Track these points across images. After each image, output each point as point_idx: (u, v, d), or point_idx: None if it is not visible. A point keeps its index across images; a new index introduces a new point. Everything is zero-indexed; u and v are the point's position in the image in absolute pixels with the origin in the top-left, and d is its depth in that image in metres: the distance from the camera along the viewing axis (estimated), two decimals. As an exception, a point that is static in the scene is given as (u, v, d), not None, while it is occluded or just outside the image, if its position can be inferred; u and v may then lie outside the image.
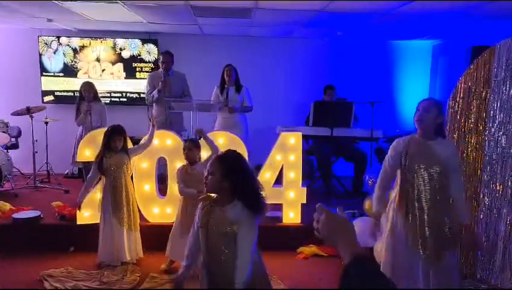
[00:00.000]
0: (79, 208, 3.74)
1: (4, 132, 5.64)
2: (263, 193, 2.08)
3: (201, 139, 3.53)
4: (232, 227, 1.98)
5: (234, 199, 2.01)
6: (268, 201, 4.15)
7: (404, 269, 2.58)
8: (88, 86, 5.12)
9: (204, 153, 3.57)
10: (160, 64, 5.25)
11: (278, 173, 4.22)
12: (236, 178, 1.99)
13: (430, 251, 2.52)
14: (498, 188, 3.31)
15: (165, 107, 5.07)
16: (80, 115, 5.10)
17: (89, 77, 6.55)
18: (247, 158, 4.00)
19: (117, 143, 3.55)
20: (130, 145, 3.82)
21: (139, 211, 3.91)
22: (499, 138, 3.31)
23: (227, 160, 2.06)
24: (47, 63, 6.51)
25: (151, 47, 6.53)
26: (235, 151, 2.15)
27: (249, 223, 2.00)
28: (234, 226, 1.97)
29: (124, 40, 6.54)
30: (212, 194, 2.09)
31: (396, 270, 2.60)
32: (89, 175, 3.69)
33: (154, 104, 5.31)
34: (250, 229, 2.00)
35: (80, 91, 5.18)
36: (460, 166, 2.62)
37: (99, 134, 3.89)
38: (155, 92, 5.08)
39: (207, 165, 2.11)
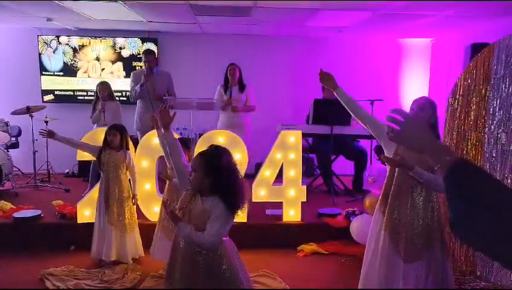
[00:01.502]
0: (49, 134, 3.72)
1: (4, 131, 5.64)
2: (244, 192, 2.10)
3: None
4: (204, 216, 2.01)
5: (214, 194, 2.04)
6: (269, 199, 4.21)
7: (383, 272, 2.54)
8: (103, 85, 5.18)
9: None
10: (143, 63, 5.24)
11: (278, 171, 4.23)
12: (215, 176, 2.02)
13: (407, 249, 2.46)
14: (498, 185, 3.31)
15: (151, 105, 5.05)
16: (95, 113, 5.14)
17: (88, 76, 6.56)
18: (246, 157, 4.02)
19: (112, 138, 3.55)
20: (131, 146, 3.80)
21: (140, 210, 3.92)
22: (499, 136, 3.31)
23: (208, 157, 2.07)
24: (47, 63, 6.51)
25: (151, 46, 6.52)
26: (217, 147, 2.15)
27: (221, 213, 2.01)
28: (207, 214, 2.01)
29: (124, 39, 6.54)
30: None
31: (374, 273, 2.58)
32: (86, 146, 3.75)
33: (138, 102, 5.31)
34: (220, 217, 2.01)
35: (96, 91, 5.23)
36: None
37: (99, 133, 3.91)
38: (137, 87, 5.09)
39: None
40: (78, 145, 3.80)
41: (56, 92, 6.59)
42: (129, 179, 3.74)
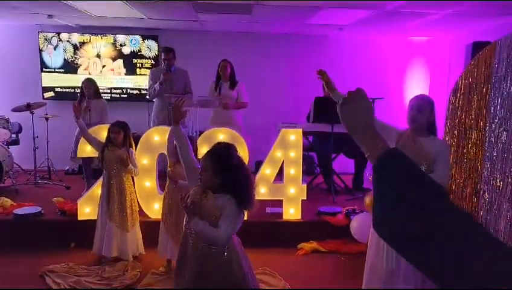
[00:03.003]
0: (77, 111, 3.63)
1: (5, 128, 5.64)
2: (254, 187, 2.12)
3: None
4: (216, 212, 2.02)
5: (226, 191, 2.05)
6: (269, 197, 4.21)
7: (384, 268, 2.55)
8: (88, 83, 5.05)
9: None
10: (162, 61, 5.23)
11: (278, 169, 4.23)
12: (226, 176, 2.03)
13: None
14: (498, 184, 3.31)
15: (167, 102, 5.06)
16: None
17: (89, 73, 6.55)
18: (247, 155, 4.01)
19: (115, 135, 3.55)
20: (133, 146, 3.79)
21: (141, 208, 3.92)
22: (499, 134, 3.31)
23: (218, 157, 2.07)
24: (47, 59, 6.51)
25: (152, 43, 6.52)
26: (224, 145, 2.15)
27: (233, 211, 2.03)
28: (219, 211, 2.02)
29: (125, 36, 6.53)
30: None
31: (377, 270, 2.59)
32: (95, 140, 3.69)
33: (155, 100, 5.32)
34: (232, 215, 2.03)
35: (81, 88, 5.16)
36: (448, 161, 2.51)
37: (101, 130, 3.92)
38: (157, 85, 5.09)
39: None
40: (88, 136, 3.71)
41: (56, 89, 6.59)
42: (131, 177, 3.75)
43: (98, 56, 6.57)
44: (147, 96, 5.52)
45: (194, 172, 2.23)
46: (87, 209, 4.01)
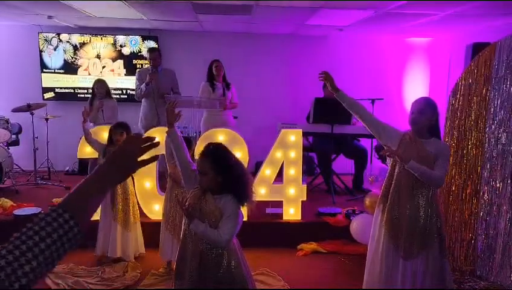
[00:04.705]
0: (86, 115, 3.69)
1: (5, 129, 5.64)
2: (251, 183, 2.15)
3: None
4: (217, 214, 2.04)
5: (226, 191, 2.06)
6: (269, 198, 4.21)
7: (383, 269, 2.56)
8: (100, 83, 5.19)
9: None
10: (148, 61, 5.23)
11: (278, 169, 4.23)
12: (227, 176, 2.05)
13: (406, 246, 2.47)
14: (498, 185, 3.32)
15: (155, 103, 5.06)
16: (92, 111, 5.11)
17: (89, 74, 6.55)
18: (247, 155, 4.01)
19: (118, 137, 3.56)
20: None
21: (140, 209, 3.92)
22: (499, 135, 3.31)
23: (216, 158, 2.08)
24: (47, 60, 6.51)
25: (152, 44, 6.52)
26: (219, 145, 2.17)
27: (233, 211, 2.05)
28: (220, 212, 2.04)
29: (125, 36, 6.53)
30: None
31: (375, 270, 2.60)
32: (96, 141, 3.69)
33: (143, 101, 5.31)
34: (233, 216, 2.05)
35: (92, 88, 5.22)
36: (445, 164, 2.48)
37: (101, 130, 3.92)
38: (143, 86, 5.08)
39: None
40: (90, 139, 3.72)
41: (57, 90, 6.59)
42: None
43: (98, 57, 6.57)
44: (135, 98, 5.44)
45: (190, 174, 2.23)
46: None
